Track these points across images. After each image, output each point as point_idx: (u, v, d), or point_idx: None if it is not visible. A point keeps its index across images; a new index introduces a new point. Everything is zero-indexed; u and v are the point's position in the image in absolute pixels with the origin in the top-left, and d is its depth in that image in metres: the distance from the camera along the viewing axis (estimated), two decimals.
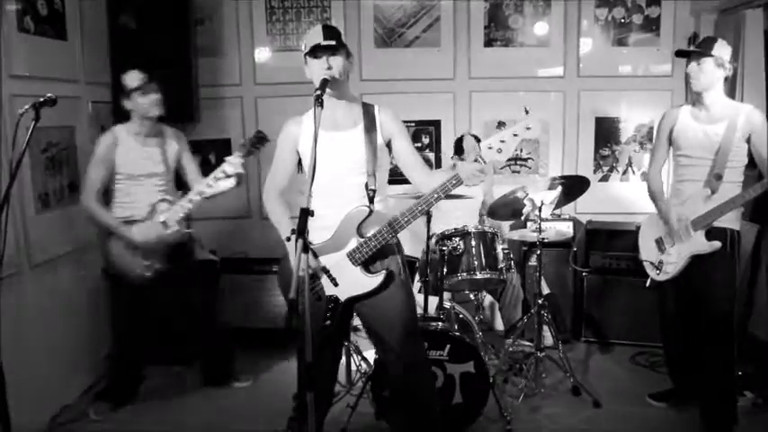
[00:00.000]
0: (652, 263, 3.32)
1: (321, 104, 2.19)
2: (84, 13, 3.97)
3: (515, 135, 2.19)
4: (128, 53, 4.20)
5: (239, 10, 4.73)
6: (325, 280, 2.53)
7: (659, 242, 3.30)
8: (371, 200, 2.47)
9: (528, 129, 2.20)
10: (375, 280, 2.47)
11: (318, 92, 2.24)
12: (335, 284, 2.51)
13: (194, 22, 4.57)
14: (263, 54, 4.79)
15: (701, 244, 3.05)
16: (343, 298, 2.51)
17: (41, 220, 3.43)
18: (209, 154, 4.88)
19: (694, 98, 3.18)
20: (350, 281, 2.50)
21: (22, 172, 3.17)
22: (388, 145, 2.58)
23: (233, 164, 3.20)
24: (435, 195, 2.34)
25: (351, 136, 2.51)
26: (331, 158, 2.43)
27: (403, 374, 2.58)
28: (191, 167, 3.59)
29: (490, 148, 2.21)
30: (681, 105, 3.29)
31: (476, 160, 2.26)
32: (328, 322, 2.46)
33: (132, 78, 3.33)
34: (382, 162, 2.56)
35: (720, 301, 3.08)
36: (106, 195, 3.39)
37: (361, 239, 2.45)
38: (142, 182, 3.40)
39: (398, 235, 2.51)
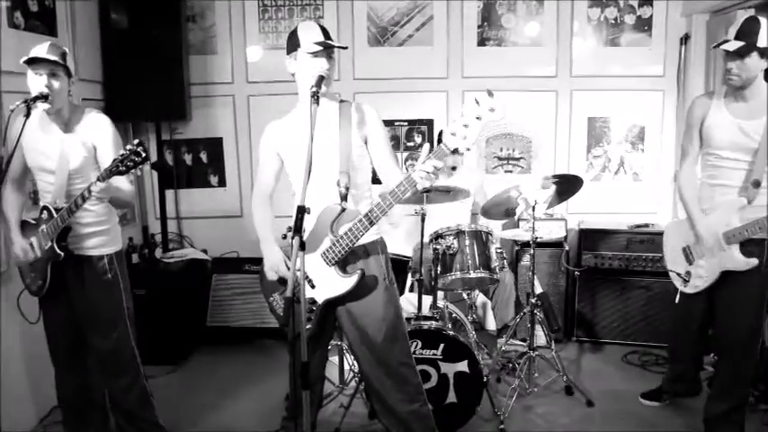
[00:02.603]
0: (679, 274, 3.08)
1: (318, 101, 2.18)
2: (74, 10, 3.93)
3: (478, 118, 2.09)
4: (119, 50, 4.20)
5: (231, 8, 4.70)
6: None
7: (687, 251, 3.05)
8: (345, 197, 2.43)
9: (492, 111, 2.10)
10: (349, 281, 2.42)
11: (315, 89, 2.23)
12: (312, 286, 2.48)
13: (186, 20, 4.56)
14: (255, 52, 4.76)
15: (736, 260, 2.77)
16: (320, 300, 2.48)
17: None
18: (201, 152, 4.86)
19: (730, 90, 2.80)
20: (325, 282, 2.46)
21: None
22: (366, 143, 2.54)
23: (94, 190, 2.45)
24: (387, 202, 2.26)
25: (325, 134, 2.45)
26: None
27: (384, 379, 2.55)
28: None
29: (454, 134, 2.12)
30: (712, 92, 2.94)
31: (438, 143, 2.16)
32: (309, 326, 2.44)
33: (35, 50, 2.57)
34: (362, 162, 2.53)
35: (750, 316, 2.83)
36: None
37: (334, 238, 2.41)
38: (41, 177, 2.76)
39: (390, 234, 2.48)
